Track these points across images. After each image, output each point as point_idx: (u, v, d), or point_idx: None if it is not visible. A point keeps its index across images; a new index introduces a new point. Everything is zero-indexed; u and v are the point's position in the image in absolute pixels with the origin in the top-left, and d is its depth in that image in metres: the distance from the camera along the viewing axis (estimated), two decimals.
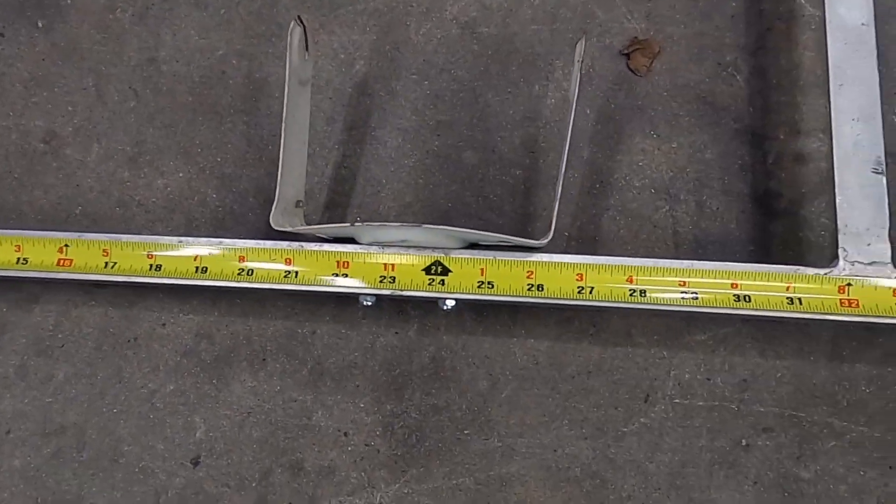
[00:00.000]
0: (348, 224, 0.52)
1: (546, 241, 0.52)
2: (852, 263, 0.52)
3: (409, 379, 0.61)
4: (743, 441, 0.58)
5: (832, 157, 0.55)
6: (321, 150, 0.66)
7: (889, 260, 0.53)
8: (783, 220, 0.62)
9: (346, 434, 0.60)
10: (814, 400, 0.58)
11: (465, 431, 0.60)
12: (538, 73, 0.67)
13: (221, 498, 0.59)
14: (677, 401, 0.59)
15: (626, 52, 0.66)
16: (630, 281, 0.52)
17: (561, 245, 0.63)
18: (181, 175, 0.67)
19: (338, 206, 0.65)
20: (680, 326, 0.60)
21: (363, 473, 0.60)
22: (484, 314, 0.62)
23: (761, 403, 0.59)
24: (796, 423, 0.58)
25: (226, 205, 0.66)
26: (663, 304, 0.52)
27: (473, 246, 0.57)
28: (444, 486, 0.59)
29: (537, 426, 0.59)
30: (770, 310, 0.51)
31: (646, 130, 0.65)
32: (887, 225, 0.53)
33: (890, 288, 0.52)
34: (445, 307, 0.55)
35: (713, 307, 0.52)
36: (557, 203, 0.52)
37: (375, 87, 0.67)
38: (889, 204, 0.54)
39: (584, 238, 0.63)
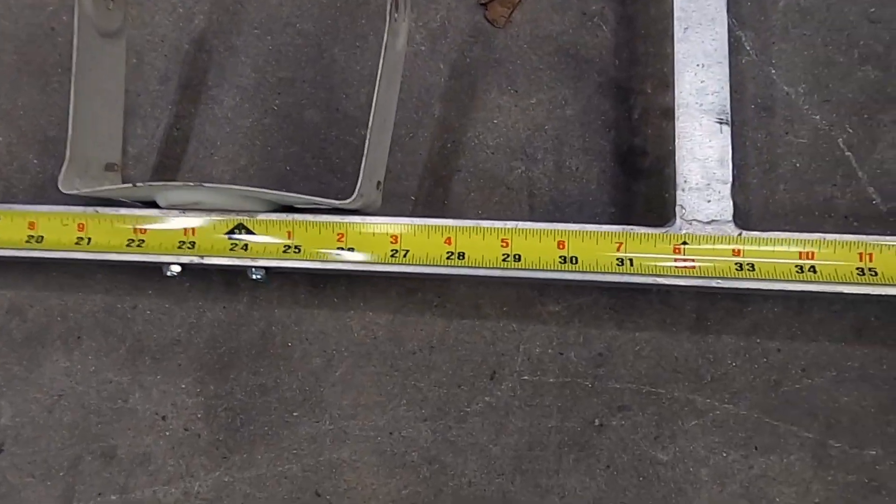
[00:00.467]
0: (130, 185, 0.48)
1: (352, 201, 0.48)
2: (689, 222, 0.49)
3: (236, 357, 0.58)
4: (596, 421, 0.54)
5: (674, 105, 0.51)
6: (153, 111, 0.63)
7: (731, 218, 0.49)
8: (648, 179, 0.58)
9: (164, 418, 0.57)
10: (675, 375, 0.55)
11: (295, 413, 0.56)
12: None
13: (25, 489, 0.55)
14: (526, 378, 0.55)
15: (483, 1, 0.62)
16: (448, 242, 0.49)
17: (407, 209, 0.59)
18: (0, 139, 0.63)
19: (167, 170, 0.62)
20: (531, 297, 0.57)
21: (181, 461, 0.56)
22: (320, 286, 0.58)
23: (617, 380, 0.55)
24: (655, 400, 0.54)
25: (47, 170, 0.62)
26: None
27: (290, 209, 0.53)
28: (269, 473, 0.55)
29: (373, 407, 0.56)
30: (598, 272, 0.48)
31: (503, 86, 0.61)
32: (730, 180, 0.50)
33: (729, 248, 0.48)
34: (254, 276, 0.51)
35: (535, 269, 0.48)
36: (364, 160, 0.49)
37: (214, 43, 0.64)
38: (734, 158, 0.50)
39: (432, 201, 0.59)
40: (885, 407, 0.54)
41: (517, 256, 0.49)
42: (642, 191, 0.59)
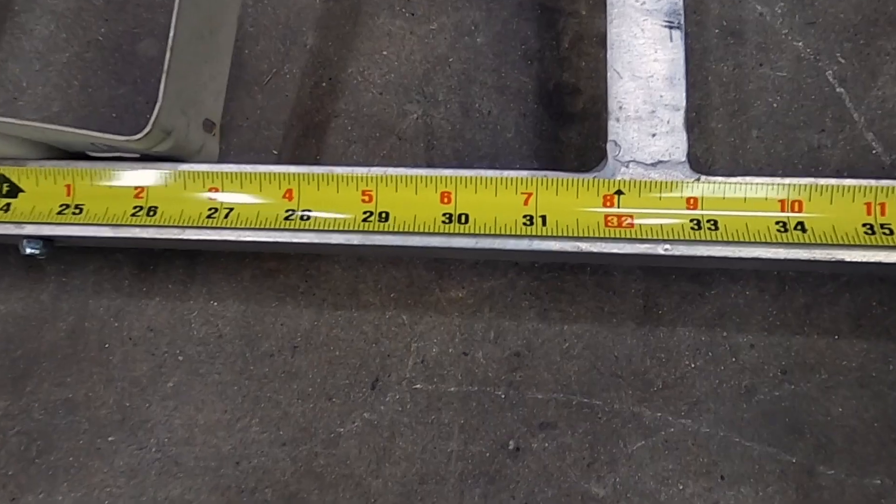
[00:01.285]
0: None
1: (144, 136, 0.36)
2: (626, 164, 0.37)
3: (35, 363, 0.46)
4: (511, 443, 0.43)
5: (605, 3, 0.40)
6: None
7: (685, 158, 0.38)
8: (581, 124, 0.47)
9: None
10: (615, 381, 0.43)
11: (110, 438, 0.45)
12: None
13: None
14: (419, 386, 0.44)
15: None
16: (289, 197, 0.37)
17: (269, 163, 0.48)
18: None
19: None
20: (427, 279, 0.45)
21: None
22: (149, 267, 0.47)
23: (539, 388, 0.44)
24: (588, 415, 0.43)
25: None
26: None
27: (83, 157, 0.41)
28: None
29: (214, 427, 0.44)
30: (496, 235, 0.36)
31: (395, 7, 0.50)
32: (683, 106, 0.38)
33: (682, 198, 0.36)
34: (28, 251, 0.39)
35: (409, 233, 0.37)
36: (165, 80, 0.37)
37: None
38: (688, 74, 0.39)
39: (301, 154, 0.48)
40: (891, 420, 0.42)
41: (383, 215, 0.37)
42: (574, 140, 0.48)
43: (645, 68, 0.40)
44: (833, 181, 0.38)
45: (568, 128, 0.49)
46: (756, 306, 0.45)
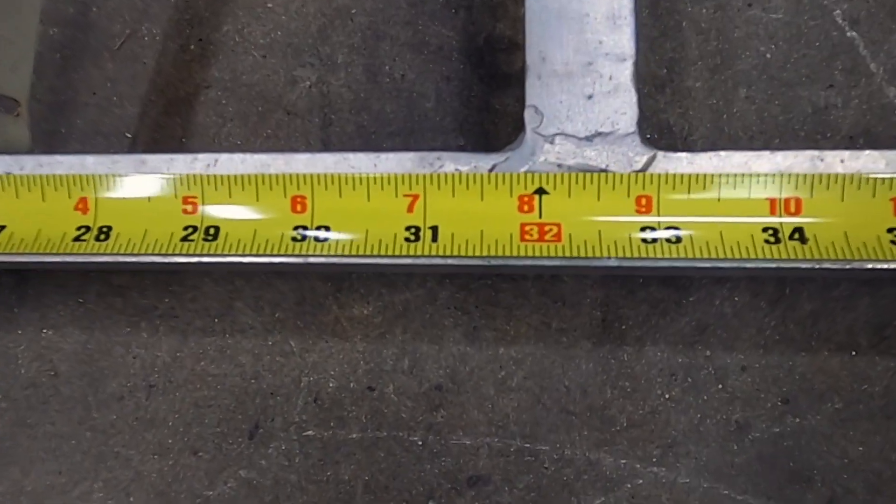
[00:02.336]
0: None
1: None
2: (551, 139, 0.30)
3: None
4: None
5: None
6: None
7: (634, 127, 0.30)
8: (518, 87, 0.39)
9: None
10: (566, 419, 0.36)
11: None
12: None
13: None
14: (311, 433, 0.37)
15: None
16: (81, 208, 0.29)
17: (121, 149, 0.41)
18: None
19: None
20: (323, 292, 0.38)
21: None
22: None
23: (468, 431, 0.36)
24: (531, 464, 0.36)
25: None
26: None
27: None
28: None
29: (46, 494, 0.37)
30: (361, 256, 0.29)
31: None
32: (632, 55, 0.31)
33: (630, 199, 0.29)
34: None
35: (239, 253, 0.29)
36: None
37: None
38: (637, 10, 0.31)
39: (161, 138, 0.41)
40: None
41: (211, 231, 0.30)
42: (511, 108, 0.41)
43: (577, 5, 0.32)
44: (842, 163, 0.30)
45: (503, 93, 0.41)
46: (748, 316, 0.38)
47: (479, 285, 0.39)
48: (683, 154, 0.32)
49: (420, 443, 0.38)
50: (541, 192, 0.30)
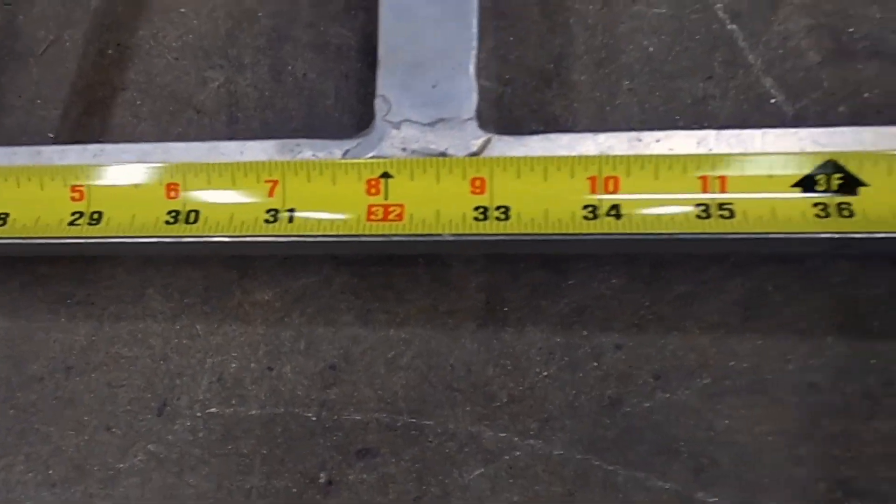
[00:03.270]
0: None
1: None
2: (398, 126, 0.35)
3: None
4: (322, 476, 0.42)
5: None
6: None
7: (473, 114, 0.35)
8: None
9: None
10: (450, 396, 0.42)
11: None
12: None
13: None
14: (214, 410, 0.43)
15: None
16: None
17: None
18: None
19: None
20: (228, 279, 0.44)
21: None
22: None
23: (359, 407, 0.42)
24: (417, 437, 0.41)
25: None
26: None
27: None
28: None
29: None
30: (228, 234, 0.34)
31: None
32: (474, 46, 0.36)
33: (466, 180, 0.34)
34: None
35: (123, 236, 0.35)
36: None
37: None
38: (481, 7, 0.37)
39: (81, 135, 0.47)
40: (790, 433, 0.40)
41: (95, 215, 0.36)
42: None
43: (426, 1, 0.37)
44: (658, 144, 0.35)
45: None
46: (625, 297, 0.43)
47: (373, 271, 0.45)
48: (515, 137, 0.37)
49: (314, 418, 0.44)
50: (386, 175, 0.36)
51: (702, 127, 0.45)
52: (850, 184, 0.32)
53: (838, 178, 0.32)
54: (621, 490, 0.41)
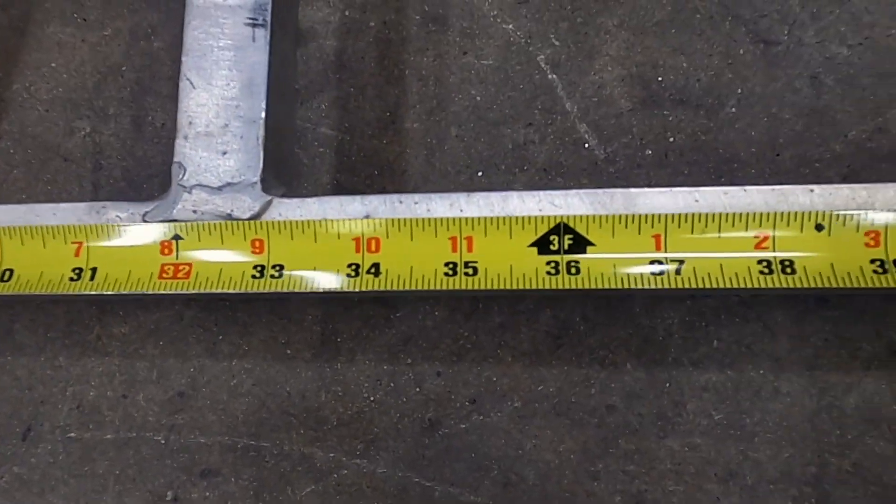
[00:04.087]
0: None
1: None
2: (189, 189, 0.42)
3: None
4: (169, 494, 0.48)
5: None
6: None
7: (257, 178, 0.42)
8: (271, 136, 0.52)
9: None
10: (286, 420, 0.48)
11: None
12: None
13: None
14: (73, 434, 0.50)
15: None
16: None
17: None
18: None
19: None
20: (89, 314, 0.51)
21: None
22: None
23: (204, 431, 0.49)
24: (255, 459, 0.48)
25: None
26: None
27: None
28: None
29: None
30: (32, 292, 0.42)
31: (67, 14, 0.56)
32: (262, 117, 0.43)
33: (247, 241, 0.41)
34: None
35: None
36: None
37: None
38: (270, 79, 0.44)
39: None
40: (590, 451, 0.47)
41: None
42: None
43: (221, 75, 0.44)
44: (416, 206, 0.42)
45: None
46: (446, 329, 0.50)
47: (220, 306, 0.52)
48: (295, 200, 0.44)
49: (163, 441, 0.51)
50: (177, 237, 0.43)
51: (521, 170, 0.52)
52: (580, 243, 0.39)
53: (569, 238, 0.39)
54: None
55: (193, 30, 0.46)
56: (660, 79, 0.52)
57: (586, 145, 0.52)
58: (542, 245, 0.39)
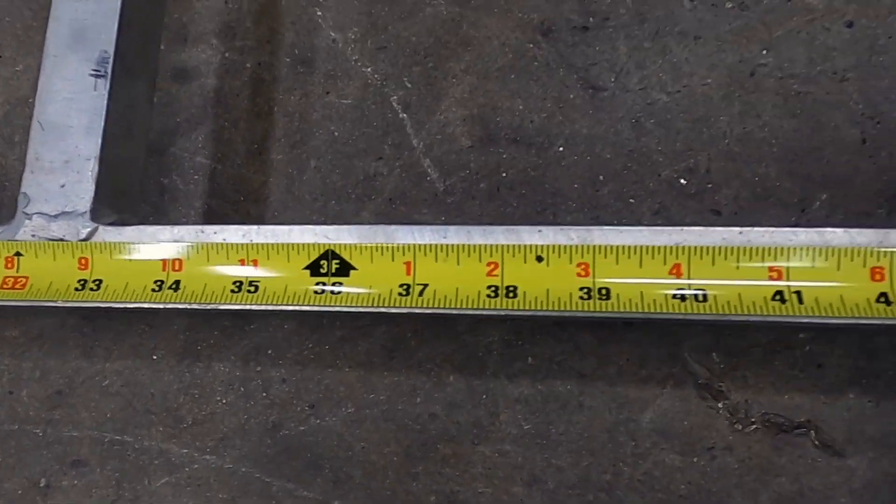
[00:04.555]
0: None
1: None
2: (31, 216, 0.50)
3: None
4: (42, 481, 0.55)
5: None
6: None
7: (88, 209, 0.49)
8: (148, 160, 0.59)
9: None
10: (147, 418, 0.55)
11: None
12: None
13: None
14: None
15: None
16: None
17: None
18: None
19: None
20: None
21: None
22: None
23: (77, 426, 0.56)
24: (119, 451, 0.55)
25: None
26: None
27: None
28: None
29: None
30: None
31: None
32: (96, 155, 0.50)
33: (73, 260, 0.48)
34: None
35: None
36: None
37: None
38: (107, 122, 0.51)
39: None
40: (412, 454, 0.53)
41: None
42: (146, 179, 0.60)
43: (66, 119, 0.52)
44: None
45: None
46: (293, 340, 0.57)
47: (99, 314, 0.59)
48: (115, 228, 0.51)
49: (41, 434, 0.58)
50: (18, 254, 0.50)
51: (370, 199, 0.58)
52: (345, 268, 0.46)
53: (336, 263, 0.46)
54: (274, 497, 0.55)
55: (46, 79, 0.53)
56: (498, 119, 0.58)
57: (428, 178, 0.58)
58: (314, 268, 0.46)
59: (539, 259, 0.43)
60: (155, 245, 0.49)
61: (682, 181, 0.55)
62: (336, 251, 0.46)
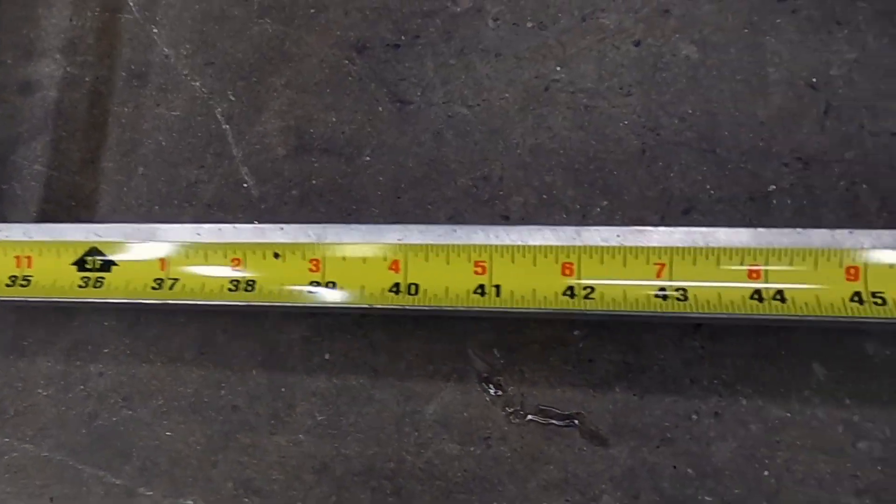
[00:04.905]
0: None
1: None
2: None
3: None
4: None
5: None
6: None
7: None
8: None
9: None
10: None
11: None
12: None
13: None
14: None
15: None
16: None
17: None
18: None
19: None
20: None
21: None
22: None
23: None
24: None
25: None
26: None
27: None
28: None
29: None
30: None
31: None
32: None
33: None
34: None
35: None
36: None
37: None
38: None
39: None
40: (213, 444, 0.57)
41: None
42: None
43: None
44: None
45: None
46: (111, 337, 0.61)
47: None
48: None
49: None
50: None
51: (191, 205, 0.63)
52: (107, 264, 0.51)
53: (100, 259, 0.51)
54: (85, 484, 0.59)
55: None
56: (311, 130, 0.63)
57: (245, 185, 0.63)
58: (81, 264, 0.51)
59: (276, 256, 0.48)
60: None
61: (476, 189, 0.60)
62: (101, 248, 0.50)
